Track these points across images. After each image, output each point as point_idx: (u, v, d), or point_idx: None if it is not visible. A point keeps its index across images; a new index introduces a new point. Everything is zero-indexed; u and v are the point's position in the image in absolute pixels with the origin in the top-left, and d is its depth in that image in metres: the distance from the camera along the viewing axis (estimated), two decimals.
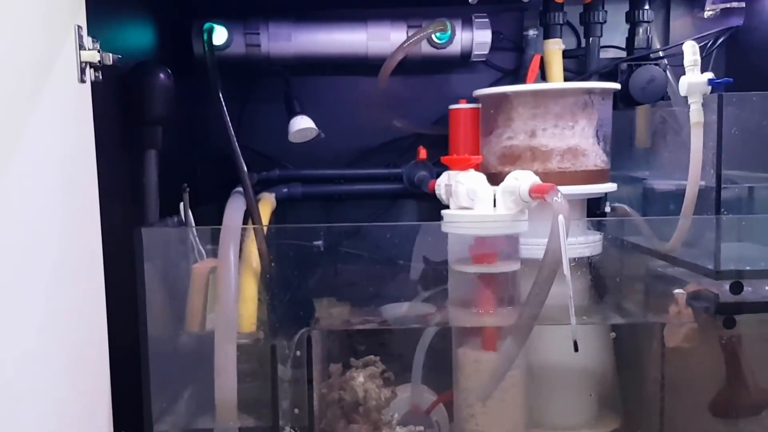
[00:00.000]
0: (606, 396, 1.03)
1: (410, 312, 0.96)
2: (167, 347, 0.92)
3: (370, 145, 1.29)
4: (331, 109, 1.27)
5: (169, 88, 0.91)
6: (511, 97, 1.03)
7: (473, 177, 0.95)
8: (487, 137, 1.07)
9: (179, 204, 1.02)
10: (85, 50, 0.72)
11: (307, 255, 0.95)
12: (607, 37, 1.27)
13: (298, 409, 0.87)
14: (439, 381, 1.01)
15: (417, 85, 1.28)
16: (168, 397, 0.91)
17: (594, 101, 1.04)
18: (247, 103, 1.26)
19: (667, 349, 0.94)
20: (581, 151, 1.02)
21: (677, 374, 0.96)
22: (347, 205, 1.29)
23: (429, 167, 1.17)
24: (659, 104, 1.18)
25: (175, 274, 0.95)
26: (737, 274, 0.87)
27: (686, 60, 0.93)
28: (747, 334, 0.92)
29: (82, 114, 0.74)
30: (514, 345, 0.84)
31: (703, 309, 0.89)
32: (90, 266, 0.77)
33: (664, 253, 0.97)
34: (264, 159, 1.27)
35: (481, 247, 0.92)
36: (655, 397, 0.97)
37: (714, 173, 0.93)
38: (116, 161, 0.86)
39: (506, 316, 0.90)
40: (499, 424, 0.94)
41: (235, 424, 0.88)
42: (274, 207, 1.15)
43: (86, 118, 0.75)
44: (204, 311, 0.97)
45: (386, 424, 0.89)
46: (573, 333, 0.81)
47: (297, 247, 0.97)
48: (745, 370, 0.94)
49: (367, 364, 0.91)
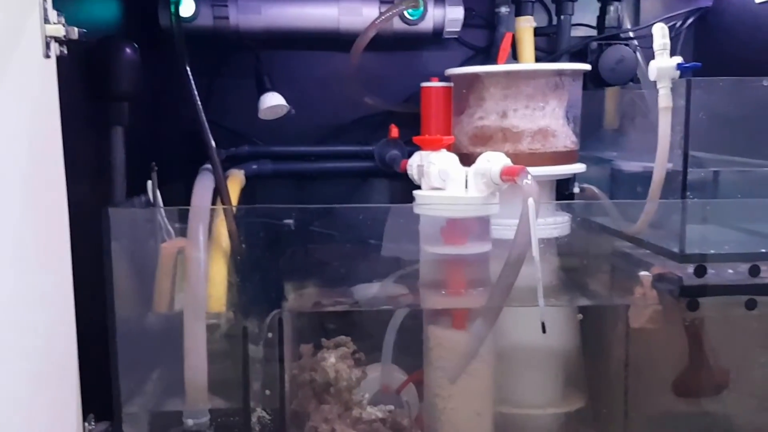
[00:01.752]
0: (572, 375, 1.06)
1: (381, 293, 0.97)
2: (135, 328, 0.92)
3: (341, 121, 1.29)
4: (301, 85, 1.26)
5: (135, 63, 0.90)
6: (483, 77, 1.04)
7: (445, 158, 0.96)
8: (459, 117, 1.08)
9: (146, 181, 1.01)
10: (50, 24, 0.71)
11: (277, 234, 0.96)
12: (578, 15, 1.28)
13: (269, 391, 0.88)
14: (409, 361, 1.03)
15: (388, 62, 1.28)
16: (137, 378, 0.92)
17: (565, 82, 1.05)
18: (215, 77, 1.25)
19: (632, 330, 0.97)
20: (551, 132, 1.03)
21: (641, 354, 0.99)
22: (318, 183, 1.29)
23: (400, 146, 1.18)
24: (628, 86, 1.20)
25: (143, 253, 0.95)
26: (701, 258, 0.90)
27: (656, 44, 0.94)
28: (710, 317, 0.95)
29: (47, 90, 0.73)
30: (484, 325, 0.86)
31: (668, 291, 0.91)
32: (57, 247, 0.76)
33: (631, 235, 0.99)
34: (233, 135, 1.26)
35: (453, 228, 0.93)
36: (619, 376, 1.00)
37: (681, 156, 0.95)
38: (82, 138, 0.85)
39: (477, 297, 0.92)
40: (468, 403, 0.96)
41: (205, 405, 0.89)
42: (243, 184, 1.15)
43: (51, 94, 0.74)
44: (172, 291, 0.97)
45: (357, 403, 0.91)
46: (541, 315, 0.84)
47: (267, 226, 0.97)
48: (707, 352, 0.98)
49: (339, 344, 0.92)
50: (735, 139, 1.00)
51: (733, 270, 0.93)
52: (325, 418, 0.89)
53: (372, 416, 0.91)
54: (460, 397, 0.94)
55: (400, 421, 0.92)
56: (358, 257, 1.00)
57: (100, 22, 0.97)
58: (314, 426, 0.89)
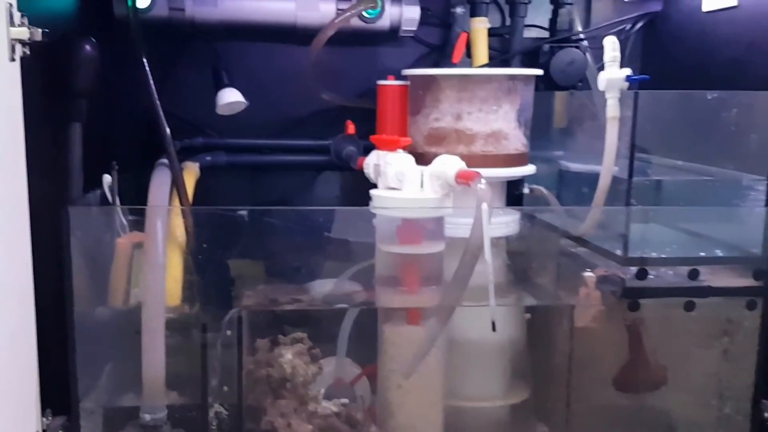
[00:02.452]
0: (518, 369, 1.12)
1: (337, 289, 1.00)
2: (91, 323, 0.93)
3: (297, 115, 1.31)
4: (257, 77, 1.28)
5: (94, 61, 0.91)
6: (439, 79, 1.07)
7: (402, 159, 0.99)
8: (415, 117, 1.11)
9: (99, 175, 1.02)
10: (15, 27, 0.71)
11: (231, 230, 0.98)
12: (531, 16, 1.33)
13: (227, 387, 0.91)
14: (362, 355, 1.07)
15: (345, 57, 1.30)
16: (93, 374, 0.93)
17: (517, 86, 1.09)
18: (170, 68, 1.25)
19: (576, 328, 1.03)
20: (504, 134, 1.08)
21: (584, 351, 1.05)
22: (272, 175, 1.32)
23: (356, 141, 1.20)
24: (578, 89, 1.25)
25: (100, 248, 0.96)
26: (643, 261, 0.96)
27: (606, 56, 0.99)
28: (650, 317, 1.02)
29: (12, 92, 0.73)
30: (438, 323, 0.91)
31: (611, 292, 0.97)
32: (18, 242, 0.77)
33: (578, 236, 1.05)
34: (187, 126, 1.27)
35: (408, 228, 0.97)
36: (563, 371, 1.06)
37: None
38: (40, 135, 0.85)
39: (431, 295, 0.96)
40: (419, 396, 1.01)
41: (162, 401, 0.92)
42: (197, 176, 1.17)
43: (16, 96, 0.74)
44: (128, 286, 0.99)
45: (312, 398, 0.95)
46: (492, 314, 0.88)
47: (221, 220, 0.99)
48: (646, 350, 1.05)
49: (295, 341, 0.95)
50: (680, 146, 1.06)
51: (674, 272, 1.00)
52: (281, 412, 0.93)
53: (327, 410, 0.95)
54: (413, 391, 0.99)
55: (354, 415, 0.96)
56: (313, 254, 1.04)
57: (54, 13, 0.97)
58: (270, 420, 0.92)
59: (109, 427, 0.95)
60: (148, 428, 0.91)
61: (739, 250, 1.02)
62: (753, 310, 0.98)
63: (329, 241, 1.02)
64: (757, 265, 0.98)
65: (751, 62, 1.08)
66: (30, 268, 0.80)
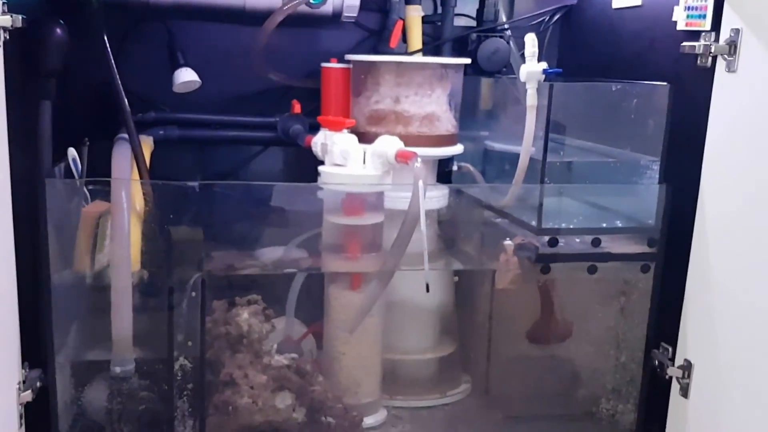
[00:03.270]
0: (446, 326, 1.24)
1: (285, 256, 1.09)
2: (59, 286, 0.99)
3: (245, 93, 1.36)
4: (207, 56, 1.32)
5: (63, 43, 0.96)
6: (380, 65, 1.16)
7: (346, 138, 1.08)
8: (357, 98, 1.20)
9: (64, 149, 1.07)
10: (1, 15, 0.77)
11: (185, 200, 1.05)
12: (461, 5, 1.42)
13: (191, 342, 0.99)
14: (310, 315, 1.17)
15: (290, 39, 1.36)
16: (62, 332, 0.99)
17: (449, 73, 1.19)
18: (123, 43, 1.28)
19: (497, 289, 1.15)
20: (436, 117, 1.18)
21: (503, 309, 1.18)
22: (221, 149, 1.37)
23: (302, 120, 1.28)
24: (502, 75, 1.36)
25: (67, 217, 1.02)
26: (554, 231, 1.08)
27: (527, 51, 1.10)
28: (559, 279, 1.15)
29: None
30: (379, 286, 1.01)
31: (526, 258, 1.09)
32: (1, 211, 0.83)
33: (499, 209, 1.16)
34: (139, 101, 1.31)
35: (352, 201, 1.07)
36: (485, 327, 1.19)
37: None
38: (14, 112, 0.90)
39: (371, 261, 1.07)
40: (360, 351, 1.12)
41: (130, 355, 0.99)
42: (152, 149, 1.23)
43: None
44: (92, 252, 1.05)
45: (266, 353, 1.04)
46: (426, 277, 1.00)
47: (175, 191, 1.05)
48: (555, 307, 1.18)
49: (251, 302, 1.04)
50: (588, 130, 1.18)
51: (580, 240, 1.12)
52: (239, 365, 1.02)
53: (279, 363, 1.04)
54: (355, 346, 1.10)
55: (303, 367, 1.05)
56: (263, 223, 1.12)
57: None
58: (229, 372, 1.01)
59: (81, 378, 1.02)
60: (117, 379, 0.99)
61: (636, 221, 1.13)
62: (646, 273, 1.10)
63: (272, 211, 1.10)
64: (651, 234, 1.09)
65: (651, 57, 1.17)
66: (11, 235, 0.86)
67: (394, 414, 1.16)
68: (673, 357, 1.06)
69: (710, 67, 0.98)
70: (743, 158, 0.93)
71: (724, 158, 0.97)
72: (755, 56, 0.92)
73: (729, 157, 0.96)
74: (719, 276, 0.97)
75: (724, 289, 0.96)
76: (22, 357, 0.91)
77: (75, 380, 1.02)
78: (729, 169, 0.96)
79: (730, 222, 0.96)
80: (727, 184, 0.96)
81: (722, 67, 0.96)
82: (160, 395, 1.00)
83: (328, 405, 1.05)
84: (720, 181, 0.98)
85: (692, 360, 1.02)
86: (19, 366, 0.89)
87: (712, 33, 0.98)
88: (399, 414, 1.16)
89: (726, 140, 0.97)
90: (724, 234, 0.97)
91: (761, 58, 0.90)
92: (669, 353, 1.07)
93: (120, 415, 0.99)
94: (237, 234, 1.11)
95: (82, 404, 1.02)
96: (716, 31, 0.97)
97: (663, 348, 1.08)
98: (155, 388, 1.00)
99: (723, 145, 0.97)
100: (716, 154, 0.98)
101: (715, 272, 0.98)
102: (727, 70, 0.95)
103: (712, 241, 0.99)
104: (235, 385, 1.00)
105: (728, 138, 0.96)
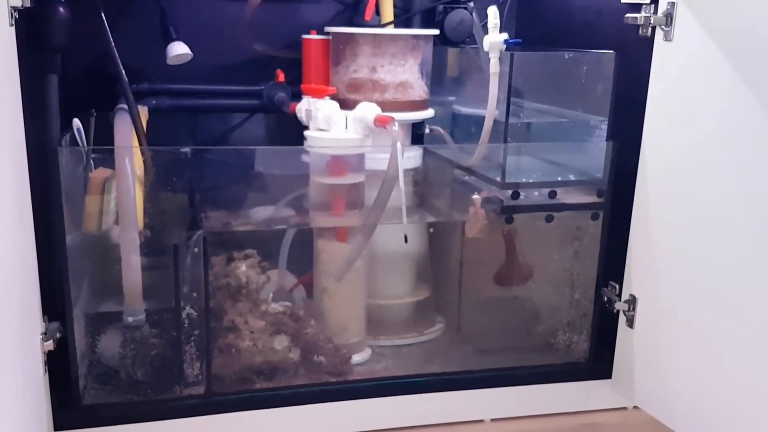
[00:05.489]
0: (422, 273, 1.30)
1: (276, 214, 1.13)
2: (74, 246, 1.02)
3: (231, 63, 1.38)
4: (196, 29, 1.32)
5: (67, 20, 0.97)
6: (357, 36, 1.19)
7: (329, 105, 1.12)
8: (337, 67, 1.23)
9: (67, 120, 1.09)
10: None
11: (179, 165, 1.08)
12: None
13: (195, 293, 1.03)
14: (299, 267, 1.21)
15: (272, 11, 1.36)
16: (79, 287, 1.03)
17: (420, 44, 1.23)
18: (116, 18, 1.28)
19: (466, 238, 1.20)
20: (410, 84, 1.22)
21: (472, 256, 1.23)
22: (210, 117, 1.39)
23: (286, 88, 1.30)
24: (467, 44, 1.40)
25: (75, 182, 1.04)
26: (516, 186, 1.14)
27: (489, 23, 1.13)
28: (521, 228, 1.21)
29: (11, 54, 0.81)
30: (363, 238, 1.06)
31: (492, 210, 1.15)
32: (19, 177, 0.85)
33: (467, 167, 1.21)
34: (132, 72, 1.32)
35: (336, 163, 1.11)
36: (456, 272, 1.25)
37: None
38: (24, 86, 0.92)
39: (354, 216, 1.11)
40: (346, 298, 1.17)
41: (141, 306, 1.03)
42: (147, 118, 1.25)
43: (13, 55, 0.82)
44: (100, 214, 1.08)
45: (264, 301, 1.09)
46: (404, 229, 1.05)
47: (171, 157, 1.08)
48: (518, 253, 1.24)
49: (247, 256, 1.08)
50: (545, 94, 1.23)
51: (538, 193, 1.17)
52: (240, 312, 1.06)
53: (276, 310, 1.09)
54: (343, 293, 1.15)
55: (296, 313, 1.11)
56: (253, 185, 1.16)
57: None
58: (231, 319, 1.06)
59: (96, 328, 1.06)
60: (130, 328, 1.03)
61: (587, 175, 1.18)
62: (596, 220, 1.15)
63: (262, 173, 1.14)
64: (599, 186, 1.14)
65: (599, 27, 1.22)
66: (29, 200, 0.89)
67: (378, 352, 1.21)
68: (620, 293, 1.13)
69: (650, 36, 1.03)
70: (679, 117, 0.99)
71: (662, 117, 1.03)
72: (688, 27, 0.97)
73: (666, 117, 1.02)
74: (658, 221, 1.04)
75: (662, 232, 1.03)
76: (42, 311, 0.94)
77: (91, 330, 1.06)
78: (666, 127, 1.02)
79: (668, 174, 1.02)
80: (665, 140, 1.02)
81: (660, 36, 1.02)
82: (170, 341, 1.04)
83: (320, 345, 1.10)
84: (659, 138, 1.04)
85: (636, 295, 1.09)
86: (40, 319, 0.93)
87: (651, 5, 1.03)
88: (382, 352, 1.22)
89: (664, 102, 1.02)
90: (662, 184, 1.03)
91: (693, 28, 0.96)
92: (616, 290, 1.14)
93: (133, 360, 1.03)
94: (230, 195, 1.15)
95: (98, 351, 1.06)
96: (655, 4, 1.02)
97: (611, 285, 1.15)
98: (165, 335, 1.04)
99: (661, 106, 1.03)
100: (656, 114, 1.04)
101: (654, 218, 1.04)
102: (665, 39, 1.01)
103: (652, 191, 1.05)
104: (237, 330, 1.05)
105: (666, 100, 1.02)
